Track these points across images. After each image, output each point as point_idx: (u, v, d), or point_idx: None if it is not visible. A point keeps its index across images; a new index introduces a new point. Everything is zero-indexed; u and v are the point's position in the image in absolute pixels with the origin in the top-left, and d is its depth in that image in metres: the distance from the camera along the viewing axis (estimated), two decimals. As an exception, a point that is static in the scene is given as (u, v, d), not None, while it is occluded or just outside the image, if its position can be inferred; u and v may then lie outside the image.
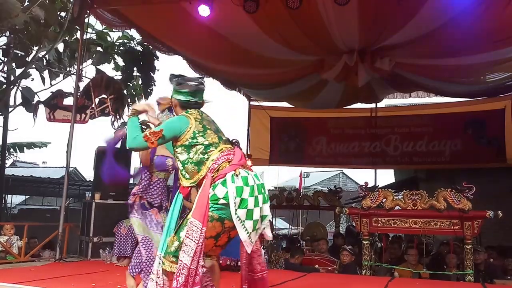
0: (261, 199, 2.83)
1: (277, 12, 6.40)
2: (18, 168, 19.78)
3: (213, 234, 2.79)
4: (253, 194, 2.79)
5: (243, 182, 2.78)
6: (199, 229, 2.70)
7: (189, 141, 2.95)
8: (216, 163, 2.88)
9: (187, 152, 2.95)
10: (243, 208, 2.74)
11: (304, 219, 12.03)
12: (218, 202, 2.76)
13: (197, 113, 3.08)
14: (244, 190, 2.77)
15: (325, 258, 7.07)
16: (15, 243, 6.73)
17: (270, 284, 4.69)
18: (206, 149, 2.93)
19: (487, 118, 10.40)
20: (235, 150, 2.99)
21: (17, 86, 10.22)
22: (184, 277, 2.67)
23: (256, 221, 2.78)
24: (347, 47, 7.68)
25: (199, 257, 2.70)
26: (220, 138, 3.02)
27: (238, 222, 2.73)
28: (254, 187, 2.81)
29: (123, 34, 10.27)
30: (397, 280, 5.61)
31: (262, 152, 11.96)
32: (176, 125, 2.99)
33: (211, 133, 2.99)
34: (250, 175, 2.85)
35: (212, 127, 3.06)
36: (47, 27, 8.80)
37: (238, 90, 10.87)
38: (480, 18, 6.20)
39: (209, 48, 7.90)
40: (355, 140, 11.48)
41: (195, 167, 2.92)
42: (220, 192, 2.77)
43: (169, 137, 2.97)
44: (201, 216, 2.72)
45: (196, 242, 2.70)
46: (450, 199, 5.61)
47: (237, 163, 2.86)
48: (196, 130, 2.96)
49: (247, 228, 2.75)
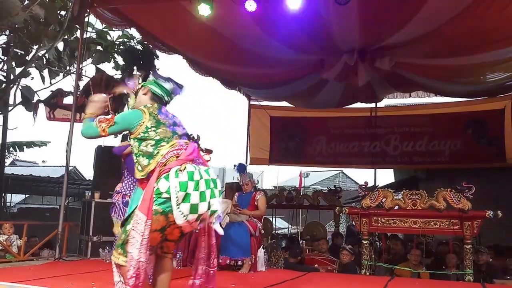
0: (208, 194, 2.88)
1: (277, 11, 6.40)
2: (17, 167, 19.80)
3: (158, 228, 2.86)
4: (198, 189, 2.84)
5: (187, 177, 2.84)
6: (143, 222, 2.78)
7: (141, 134, 3.04)
8: (165, 157, 2.96)
9: (139, 145, 3.05)
10: (186, 202, 2.81)
11: (304, 218, 12.03)
12: (161, 196, 2.84)
13: (155, 108, 3.17)
14: (188, 184, 2.82)
15: (325, 257, 7.07)
16: (15, 242, 6.74)
17: (270, 283, 4.71)
18: (157, 143, 3.02)
19: (487, 118, 10.40)
20: (189, 145, 3.05)
21: (17, 85, 10.22)
22: (134, 269, 2.74)
23: (201, 215, 2.86)
24: (347, 46, 7.68)
25: (146, 249, 2.77)
26: (174, 133, 3.11)
27: (180, 215, 2.80)
28: (199, 182, 2.86)
29: (123, 33, 10.26)
30: (396, 280, 5.61)
31: (262, 151, 11.95)
32: (129, 118, 3.10)
33: (164, 128, 3.08)
34: (197, 170, 2.90)
35: (168, 122, 3.13)
36: (47, 26, 8.80)
37: (238, 89, 10.86)
38: (480, 18, 6.20)
39: (209, 47, 7.90)
40: (355, 139, 11.48)
41: (146, 160, 3.00)
42: (163, 186, 2.85)
43: (120, 127, 3.10)
44: (146, 209, 2.80)
45: (141, 234, 2.76)
46: (450, 199, 5.61)
47: (184, 158, 2.93)
48: (149, 124, 3.06)
49: (189, 220, 2.83)
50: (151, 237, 2.80)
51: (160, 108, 3.20)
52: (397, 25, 6.81)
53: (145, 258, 2.77)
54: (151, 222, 2.79)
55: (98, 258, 6.43)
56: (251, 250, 5.62)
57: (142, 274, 2.76)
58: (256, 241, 5.79)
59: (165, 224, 2.88)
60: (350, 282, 5.40)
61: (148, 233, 2.77)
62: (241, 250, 5.59)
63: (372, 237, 6.62)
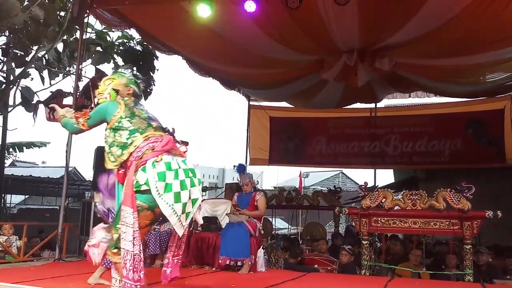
0: (188, 183, 2.93)
1: (276, 11, 6.40)
2: (17, 168, 19.79)
3: (147, 223, 2.94)
4: (178, 177, 2.90)
5: (165, 167, 2.89)
6: (131, 214, 2.83)
7: (115, 124, 3.13)
8: (140, 150, 3.02)
9: (113, 135, 3.12)
10: (168, 192, 2.85)
11: (304, 219, 12.03)
12: (141, 189, 2.89)
13: (132, 100, 3.30)
14: (166, 174, 2.88)
15: (324, 258, 7.07)
16: (14, 243, 6.73)
17: (269, 283, 4.71)
18: (131, 133, 3.09)
19: (487, 118, 10.41)
20: (164, 137, 3.11)
21: (16, 86, 10.23)
22: (130, 262, 2.79)
23: (185, 204, 2.89)
24: (346, 47, 7.68)
25: (139, 241, 2.83)
26: (149, 125, 3.18)
27: (167, 206, 2.84)
28: (178, 171, 2.92)
29: (122, 33, 10.28)
30: (396, 280, 5.61)
31: (261, 152, 11.96)
32: (104, 109, 3.21)
33: (139, 119, 3.17)
34: (174, 160, 2.96)
35: (142, 114, 3.23)
36: (46, 27, 8.81)
37: (237, 90, 10.86)
38: (480, 18, 6.19)
39: (209, 47, 7.89)
40: (355, 140, 11.48)
41: (120, 150, 3.07)
42: (141, 178, 2.90)
43: (97, 119, 3.22)
44: (130, 202, 2.86)
45: (132, 227, 2.82)
46: (450, 199, 5.60)
47: (160, 149, 2.99)
48: (123, 115, 3.15)
49: (176, 211, 2.85)
50: (142, 232, 2.87)
51: (137, 102, 3.32)
52: (397, 25, 6.81)
53: (139, 251, 2.81)
54: (138, 216, 2.84)
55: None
56: (250, 250, 5.62)
57: (141, 267, 2.80)
58: (256, 241, 5.79)
59: (153, 218, 2.95)
60: (349, 283, 5.40)
61: (138, 225, 2.82)
62: (240, 251, 5.59)
63: (372, 238, 6.62)
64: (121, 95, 3.35)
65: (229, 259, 5.60)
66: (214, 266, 5.82)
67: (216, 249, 5.88)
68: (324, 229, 10.23)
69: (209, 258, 5.99)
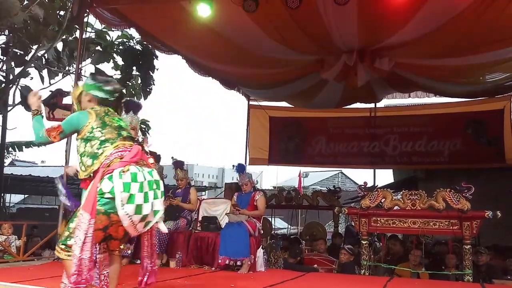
0: (151, 195, 2.98)
1: (276, 11, 6.40)
2: (17, 167, 19.78)
3: (100, 227, 2.95)
4: (142, 190, 2.94)
5: (131, 178, 2.93)
6: (87, 220, 2.87)
7: (87, 135, 3.13)
8: (109, 158, 3.04)
9: (84, 145, 3.13)
10: (131, 203, 2.90)
11: (303, 218, 12.03)
12: (104, 196, 2.92)
13: (102, 110, 3.26)
14: (132, 186, 2.91)
15: (324, 257, 7.07)
16: (13, 242, 6.73)
17: (269, 283, 4.71)
18: (101, 144, 3.09)
19: (486, 118, 10.41)
20: (133, 147, 3.13)
21: (16, 85, 10.23)
22: (76, 266, 2.84)
23: (146, 215, 2.96)
24: (346, 47, 7.68)
25: (89, 247, 2.87)
26: (119, 135, 3.18)
27: (126, 217, 2.90)
28: (143, 183, 2.96)
29: (122, 33, 10.28)
30: (396, 280, 5.61)
31: (261, 151, 11.95)
32: (75, 120, 3.20)
33: (110, 129, 3.16)
34: (140, 172, 2.99)
35: (114, 124, 3.21)
36: (46, 26, 8.81)
37: (237, 89, 10.86)
38: (480, 18, 6.19)
39: (209, 47, 7.89)
40: (354, 140, 11.48)
41: (90, 160, 3.08)
42: (106, 187, 2.93)
43: (69, 131, 3.21)
44: (89, 208, 2.89)
45: (85, 233, 2.86)
46: (449, 199, 5.60)
47: (128, 160, 3.01)
48: (94, 125, 3.14)
49: (134, 221, 2.93)
50: (93, 235, 2.91)
51: (107, 111, 3.28)
52: (397, 25, 6.80)
53: (88, 256, 2.86)
54: (94, 221, 2.89)
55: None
56: (250, 250, 5.62)
57: (85, 271, 2.85)
58: (255, 241, 5.79)
59: (107, 224, 2.97)
60: (349, 282, 5.40)
61: (92, 232, 2.88)
62: (240, 250, 5.59)
63: (371, 237, 6.62)
64: (83, 105, 3.35)
65: (229, 258, 5.60)
66: (213, 265, 5.82)
67: (215, 249, 5.88)
68: (323, 229, 10.23)
69: (208, 258, 6.00)
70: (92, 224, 2.88)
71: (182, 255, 6.01)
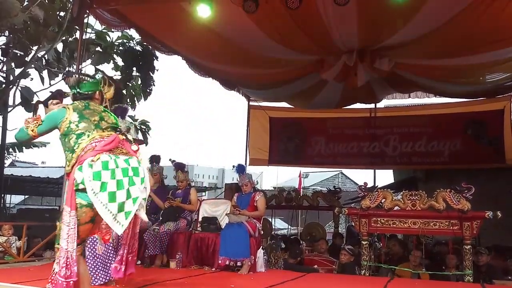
0: (126, 182, 2.94)
1: (276, 12, 6.40)
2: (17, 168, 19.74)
3: (87, 220, 2.97)
4: (115, 177, 2.92)
5: (101, 167, 2.93)
6: (68, 212, 2.91)
7: (65, 130, 3.16)
8: (84, 150, 3.05)
9: (64, 140, 3.16)
10: (103, 191, 2.88)
11: (303, 219, 12.02)
12: (78, 188, 2.94)
13: (80, 104, 3.28)
14: (102, 174, 2.91)
15: (324, 258, 7.07)
16: (14, 243, 6.73)
17: (269, 284, 4.71)
18: (78, 138, 3.11)
19: (486, 119, 10.40)
20: (110, 136, 3.13)
21: (16, 86, 10.23)
22: (63, 259, 2.86)
23: (122, 203, 2.90)
24: (346, 47, 7.68)
25: (73, 239, 2.89)
26: (97, 126, 3.18)
27: (101, 206, 2.87)
28: (115, 170, 2.94)
29: (122, 34, 10.27)
30: (396, 281, 5.61)
31: (261, 152, 11.95)
32: (54, 116, 3.23)
33: (87, 122, 3.17)
34: (113, 160, 2.98)
35: (93, 118, 3.21)
36: (46, 27, 8.81)
37: (237, 90, 10.86)
38: (480, 18, 6.20)
39: (209, 48, 7.89)
40: (354, 140, 11.47)
41: (70, 154, 3.11)
42: (78, 177, 2.95)
43: (47, 125, 3.23)
44: (69, 201, 2.94)
45: (67, 225, 2.90)
46: (449, 200, 5.60)
47: (100, 149, 3.02)
48: (72, 119, 3.16)
49: (111, 211, 2.87)
50: (82, 229, 2.96)
51: (88, 104, 3.30)
52: (397, 25, 6.80)
53: (73, 248, 2.88)
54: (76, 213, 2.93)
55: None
56: (250, 250, 5.62)
57: (73, 265, 2.87)
58: (256, 241, 5.79)
59: (92, 215, 2.98)
60: (349, 283, 5.40)
61: (74, 224, 2.91)
62: (240, 251, 5.59)
63: (372, 238, 6.62)
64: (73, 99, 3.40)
65: (229, 259, 5.60)
66: (213, 266, 5.82)
67: (215, 250, 5.88)
68: (323, 229, 10.23)
69: (208, 259, 6.00)
70: (74, 216, 2.91)
71: (182, 255, 6.01)
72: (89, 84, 3.40)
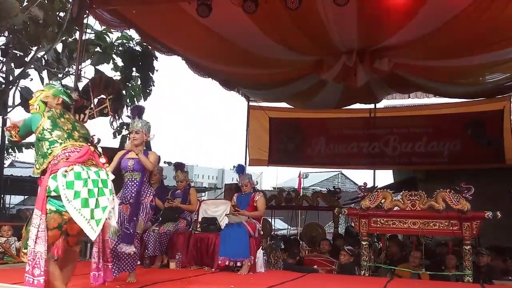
0: (96, 192, 3.20)
1: (276, 12, 6.39)
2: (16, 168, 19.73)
3: (55, 225, 3.18)
4: (87, 186, 3.17)
5: (74, 177, 3.17)
6: (38, 216, 3.13)
7: (38, 135, 3.40)
8: (57, 159, 3.29)
9: (37, 145, 3.41)
10: (77, 198, 3.11)
11: (303, 219, 12.02)
12: (50, 194, 3.17)
13: (57, 113, 3.52)
14: (75, 183, 3.15)
15: (324, 258, 7.07)
16: (13, 244, 6.73)
17: (269, 284, 4.71)
18: (50, 144, 3.35)
19: (486, 119, 10.40)
20: (83, 148, 3.36)
21: (16, 86, 10.23)
22: (31, 259, 3.06)
23: (93, 210, 3.13)
24: (346, 47, 7.68)
25: (43, 241, 3.08)
26: (70, 136, 3.42)
27: (75, 211, 3.09)
28: (87, 180, 3.19)
29: (122, 34, 10.27)
30: (396, 281, 5.61)
31: (261, 152, 11.95)
32: (29, 121, 3.50)
33: (60, 131, 3.41)
34: (85, 171, 3.22)
35: (67, 125, 3.46)
36: (46, 27, 8.82)
37: (237, 90, 10.86)
38: (480, 19, 6.19)
39: (208, 48, 7.89)
40: (354, 140, 11.47)
41: (41, 159, 3.36)
42: (52, 185, 3.19)
43: (23, 131, 3.54)
44: (40, 205, 3.16)
45: (37, 227, 3.10)
46: (449, 200, 5.60)
47: (73, 160, 3.26)
48: (45, 126, 3.40)
49: (85, 216, 3.10)
50: (51, 234, 3.14)
51: (63, 113, 3.54)
52: (396, 26, 6.80)
53: (43, 250, 3.06)
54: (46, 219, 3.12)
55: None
56: (250, 251, 5.62)
57: (42, 265, 3.05)
58: (255, 242, 5.79)
59: (60, 221, 3.18)
60: (349, 283, 5.40)
61: (44, 227, 3.10)
62: (240, 251, 5.59)
63: (371, 238, 6.62)
64: (50, 106, 3.59)
65: (229, 259, 5.60)
66: (213, 266, 5.82)
67: (215, 250, 5.88)
68: (323, 229, 10.22)
69: (208, 259, 6.00)
70: (44, 220, 3.10)
71: (182, 256, 6.01)
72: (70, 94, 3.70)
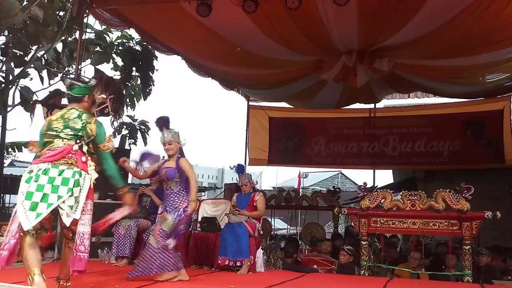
0: (48, 188, 3.29)
1: (276, 12, 6.40)
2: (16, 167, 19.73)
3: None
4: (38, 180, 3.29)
5: (35, 172, 3.32)
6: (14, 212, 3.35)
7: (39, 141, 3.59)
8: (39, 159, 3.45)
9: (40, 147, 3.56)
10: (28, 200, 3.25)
11: (303, 219, 12.02)
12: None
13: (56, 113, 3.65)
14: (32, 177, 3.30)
15: (323, 258, 7.07)
16: (13, 243, 6.71)
17: (268, 284, 4.71)
18: (39, 146, 3.55)
19: (486, 119, 10.41)
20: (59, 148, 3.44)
21: (15, 86, 10.22)
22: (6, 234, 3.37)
23: (36, 203, 3.24)
24: (346, 47, 7.68)
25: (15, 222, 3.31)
26: (56, 137, 3.51)
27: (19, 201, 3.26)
28: (40, 176, 3.30)
29: (122, 33, 10.26)
30: (395, 281, 5.61)
31: (260, 152, 11.95)
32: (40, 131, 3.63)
33: (50, 133, 3.53)
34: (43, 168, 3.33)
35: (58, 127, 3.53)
36: (45, 27, 8.81)
37: (237, 90, 10.86)
38: (480, 19, 6.20)
39: (208, 48, 7.89)
40: (354, 140, 11.48)
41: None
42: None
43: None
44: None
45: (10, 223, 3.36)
46: (449, 200, 5.60)
47: (41, 159, 3.40)
48: (42, 130, 3.58)
49: (24, 206, 3.23)
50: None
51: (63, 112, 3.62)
52: (396, 26, 6.80)
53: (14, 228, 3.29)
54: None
55: (97, 259, 6.42)
56: (250, 251, 5.62)
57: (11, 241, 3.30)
58: (255, 241, 5.79)
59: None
60: (348, 283, 5.40)
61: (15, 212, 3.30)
62: (240, 251, 5.59)
63: (371, 238, 6.62)
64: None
65: (228, 259, 5.60)
66: (213, 266, 5.82)
67: (215, 250, 5.88)
68: (323, 229, 10.24)
69: (208, 259, 5.99)
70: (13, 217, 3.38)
71: (182, 255, 6.00)
72: (79, 88, 3.67)
